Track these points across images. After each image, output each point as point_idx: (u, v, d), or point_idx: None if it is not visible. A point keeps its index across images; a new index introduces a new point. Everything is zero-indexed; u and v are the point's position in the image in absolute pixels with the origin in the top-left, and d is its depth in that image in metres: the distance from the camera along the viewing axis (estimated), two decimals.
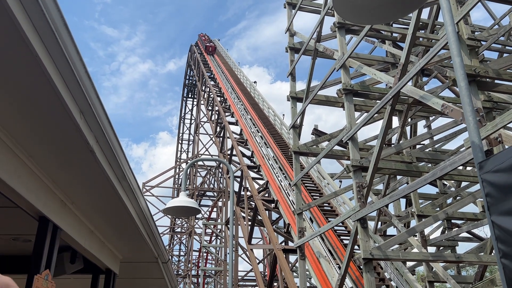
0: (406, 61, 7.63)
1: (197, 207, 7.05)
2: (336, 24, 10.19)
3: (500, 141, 5.51)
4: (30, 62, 2.79)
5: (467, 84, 2.64)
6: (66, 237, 5.37)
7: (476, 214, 11.06)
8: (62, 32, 2.82)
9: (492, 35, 10.65)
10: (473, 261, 9.31)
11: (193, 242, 39.91)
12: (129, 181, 5.07)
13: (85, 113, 3.60)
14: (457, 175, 10.62)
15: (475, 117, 2.53)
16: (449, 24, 2.77)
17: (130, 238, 7.19)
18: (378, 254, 7.76)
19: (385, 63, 12.60)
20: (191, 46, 48.72)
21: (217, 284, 32.16)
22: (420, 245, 10.30)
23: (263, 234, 30.24)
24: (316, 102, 11.38)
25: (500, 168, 2.02)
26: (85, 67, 3.27)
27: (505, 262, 1.97)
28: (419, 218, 10.87)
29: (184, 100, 53.79)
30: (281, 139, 23.15)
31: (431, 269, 10.81)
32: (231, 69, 39.03)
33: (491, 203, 2.08)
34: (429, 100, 6.92)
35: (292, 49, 12.84)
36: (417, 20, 7.52)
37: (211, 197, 43.60)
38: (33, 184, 4.25)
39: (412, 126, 13.60)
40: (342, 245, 13.26)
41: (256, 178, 20.26)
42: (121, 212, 5.71)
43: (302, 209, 11.09)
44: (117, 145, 4.40)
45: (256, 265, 17.43)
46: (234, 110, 27.23)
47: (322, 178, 17.50)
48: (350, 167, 8.63)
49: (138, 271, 9.76)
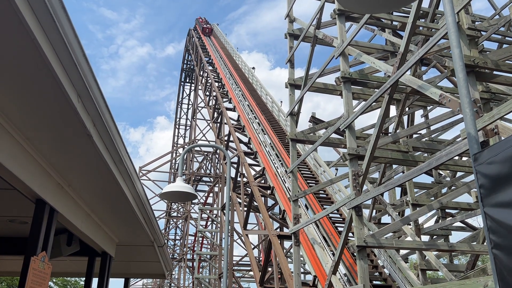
0: (405, 50, 7.61)
1: (194, 192, 7.08)
2: (336, 11, 10.11)
3: (497, 132, 5.53)
4: (28, 45, 2.77)
5: (465, 75, 2.64)
6: (62, 220, 5.40)
7: (470, 204, 11.17)
8: (60, 15, 2.79)
9: (492, 26, 10.61)
10: (465, 250, 9.43)
11: (189, 226, 40.18)
12: (126, 165, 5.08)
13: (83, 96, 3.59)
14: (453, 165, 10.68)
15: (472, 109, 2.54)
16: (449, 14, 2.76)
17: (126, 222, 7.23)
18: (372, 241, 7.85)
19: (384, 51, 12.55)
20: (190, 30, 48.29)
21: (212, 268, 32.47)
22: (413, 233, 10.42)
23: (258, 220, 30.46)
24: (314, 90, 11.35)
25: (495, 160, 2.04)
26: (82, 50, 3.25)
27: (496, 252, 2.00)
28: (413, 207, 10.97)
29: (182, 85, 53.52)
30: (278, 126, 23.15)
31: (424, 258, 10.95)
32: (229, 55, 38.76)
33: (485, 195, 2.11)
34: (427, 90, 6.92)
35: (292, 35, 12.75)
36: (417, 9, 7.47)
37: (207, 183, 43.74)
38: (30, 167, 4.26)
39: (409, 116, 13.62)
40: (336, 232, 13.38)
41: (252, 165, 20.32)
42: (117, 196, 5.73)
43: (297, 196, 11.16)
44: (114, 129, 4.40)
45: (251, 251, 17.59)
46: (232, 96, 27.14)
47: (318, 166, 17.57)
48: (347, 155, 8.66)
49: (134, 254, 9.84)
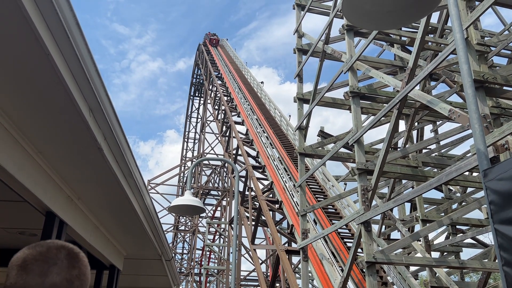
0: (414, 65, 7.62)
1: (202, 206, 7.09)
2: (345, 27, 10.19)
3: (507, 148, 5.49)
4: (42, 60, 2.83)
5: (474, 91, 2.65)
6: (71, 232, 5.42)
7: (481, 221, 11.02)
8: (74, 31, 2.86)
9: (502, 41, 10.59)
10: (476, 267, 9.27)
11: (196, 240, 40.03)
12: (135, 179, 5.12)
13: (94, 111, 3.64)
14: (463, 180, 10.57)
15: (481, 125, 2.54)
16: (458, 31, 2.78)
17: (134, 235, 7.24)
18: (381, 257, 7.76)
19: (393, 66, 12.57)
20: (199, 45, 48.91)
21: (219, 283, 32.21)
22: (423, 250, 10.28)
23: (266, 235, 30.25)
24: (322, 104, 11.39)
25: (504, 176, 2.03)
26: (95, 65, 3.31)
27: (507, 269, 1.98)
28: (423, 222, 10.84)
29: (191, 98, 53.93)
30: (286, 140, 23.16)
31: (434, 274, 10.78)
32: (238, 69, 39.08)
33: (495, 211, 2.09)
34: (436, 105, 6.91)
35: (300, 50, 12.85)
36: (426, 24, 7.51)
37: (215, 196, 43.69)
38: (41, 179, 4.31)
39: (418, 131, 13.55)
40: (345, 248, 13.25)
41: (260, 179, 20.29)
42: (126, 209, 5.76)
43: (306, 210, 11.10)
44: (125, 143, 4.44)
45: (258, 265, 17.45)
46: (241, 109, 27.27)
47: (327, 180, 17.49)
48: (355, 170, 8.63)
49: (141, 268, 9.82)
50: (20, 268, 1.21)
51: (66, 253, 1.27)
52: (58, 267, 1.23)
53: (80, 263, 1.29)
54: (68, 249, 1.28)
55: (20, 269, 1.21)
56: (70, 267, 1.25)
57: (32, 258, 1.23)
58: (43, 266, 1.21)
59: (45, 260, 1.22)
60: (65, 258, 1.25)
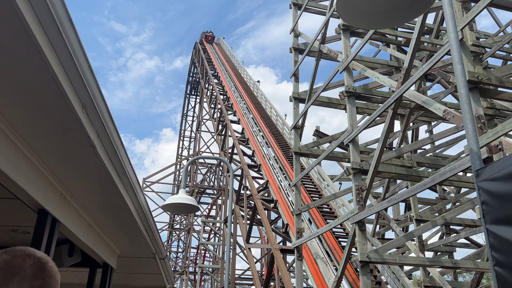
0: (409, 66, 7.64)
1: (196, 204, 7.07)
2: (341, 27, 10.19)
3: (501, 148, 5.51)
4: (34, 56, 2.81)
5: (467, 91, 2.65)
6: (64, 230, 5.39)
7: (474, 221, 11.06)
8: (66, 26, 2.83)
9: (497, 42, 10.64)
10: (469, 267, 9.32)
11: (191, 239, 39.98)
12: (129, 177, 5.09)
13: (87, 108, 3.61)
14: (457, 181, 10.62)
15: (474, 125, 2.54)
16: (452, 31, 2.77)
17: (128, 233, 7.21)
18: (375, 257, 7.78)
19: (388, 66, 12.60)
20: (196, 43, 48.83)
21: (214, 282, 32.19)
22: (417, 249, 10.31)
23: (261, 234, 30.27)
24: (318, 104, 11.38)
25: (497, 176, 2.03)
26: (88, 62, 3.28)
27: (498, 270, 1.98)
28: (417, 222, 10.88)
29: (187, 97, 53.82)
30: (282, 139, 23.16)
31: (427, 274, 10.82)
32: (234, 68, 39.04)
33: (487, 211, 2.09)
34: (431, 105, 6.92)
35: (296, 49, 12.84)
36: (421, 25, 7.52)
37: (210, 195, 43.64)
38: (33, 176, 4.27)
39: (413, 131, 13.60)
40: (339, 247, 13.27)
41: (256, 178, 20.29)
42: (120, 207, 5.73)
43: (301, 209, 11.10)
44: (118, 141, 4.42)
45: (253, 264, 17.46)
46: (237, 108, 27.25)
47: (322, 180, 17.51)
48: (350, 170, 8.64)
49: (135, 266, 9.78)
50: None
51: (32, 262, 1.25)
52: (21, 277, 1.22)
53: (45, 273, 1.27)
54: (35, 258, 1.27)
55: None
56: (33, 278, 1.24)
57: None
58: (5, 275, 1.20)
59: (8, 268, 1.21)
60: (29, 268, 1.24)
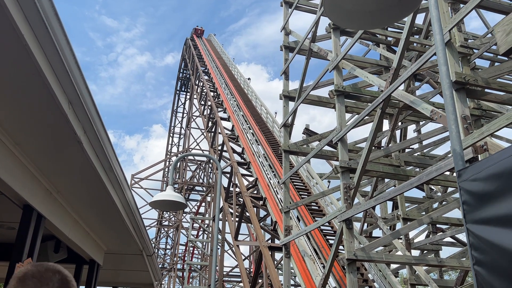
0: (398, 66, 7.69)
1: (183, 201, 7.06)
2: (331, 25, 10.22)
3: (486, 149, 5.58)
4: (20, 51, 2.78)
5: (451, 92, 2.68)
6: (50, 226, 5.35)
7: (460, 220, 11.21)
8: (53, 21, 2.81)
9: (484, 44, 10.76)
10: (455, 266, 9.44)
11: (180, 236, 39.87)
12: (116, 173, 5.07)
13: (74, 103, 3.59)
14: (443, 180, 10.73)
15: (458, 126, 2.58)
16: (437, 32, 2.81)
17: (115, 230, 7.18)
18: (362, 255, 7.84)
19: (378, 66, 12.68)
20: (186, 39, 48.56)
21: (202, 279, 32.17)
22: (404, 248, 10.43)
23: (250, 231, 30.29)
24: (308, 102, 11.42)
25: (478, 177, 2.06)
26: (75, 57, 3.26)
27: (477, 268, 2.02)
28: (404, 221, 10.99)
29: (177, 93, 53.56)
30: (272, 137, 23.19)
31: (414, 272, 10.94)
32: (225, 65, 38.93)
33: (468, 211, 2.13)
34: (419, 105, 6.99)
35: (287, 47, 12.86)
36: (411, 25, 7.58)
37: (200, 192, 43.56)
38: (18, 172, 4.23)
39: (402, 130, 13.71)
40: (327, 245, 13.35)
41: (245, 175, 20.30)
42: (106, 204, 5.70)
43: (289, 207, 11.14)
44: (105, 137, 4.39)
45: (241, 261, 17.49)
46: (227, 105, 27.20)
47: (311, 178, 17.58)
48: (339, 168, 8.69)
49: (122, 263, 9.74)
50: (19, 280, 1.44)
51: (60, 278, 1.49)
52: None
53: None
54: (62, 275, 1.51)
55: (19, 281, 1.44)
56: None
57: (30, 275, 1.45)
58: (37, 283, 1.43)
59: (40, 279, 1.45)
60: (57, 281, 1.47)
